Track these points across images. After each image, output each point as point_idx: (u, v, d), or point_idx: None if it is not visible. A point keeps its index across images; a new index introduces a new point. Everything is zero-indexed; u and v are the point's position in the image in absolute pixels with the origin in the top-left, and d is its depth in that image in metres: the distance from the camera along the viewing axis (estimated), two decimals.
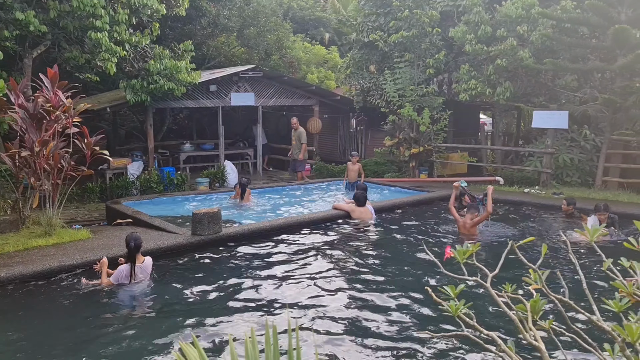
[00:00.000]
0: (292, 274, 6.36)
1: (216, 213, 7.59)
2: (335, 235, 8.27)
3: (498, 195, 11.30)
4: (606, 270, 2.41)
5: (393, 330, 4.73)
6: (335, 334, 4.67)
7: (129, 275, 5.89)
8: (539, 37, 12.30)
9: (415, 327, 4.77)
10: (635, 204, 10.41)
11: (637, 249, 2.12)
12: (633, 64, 10.82)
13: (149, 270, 6.09)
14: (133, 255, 5.95)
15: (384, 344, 4.46)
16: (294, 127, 14.28)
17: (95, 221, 10.47)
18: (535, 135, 15.27)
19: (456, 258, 2.44)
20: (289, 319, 1.22)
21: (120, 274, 5.91)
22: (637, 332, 1.86)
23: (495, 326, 4.53)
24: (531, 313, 2.40)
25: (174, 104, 14.06)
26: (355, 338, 4.58)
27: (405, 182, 13.10)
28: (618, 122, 12.06)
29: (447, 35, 14.04)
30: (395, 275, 6.38)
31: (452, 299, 2.43)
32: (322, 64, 22.12)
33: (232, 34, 19.47)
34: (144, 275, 6.02)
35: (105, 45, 10.33)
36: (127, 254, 6.00)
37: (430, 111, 13.75)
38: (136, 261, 5.97)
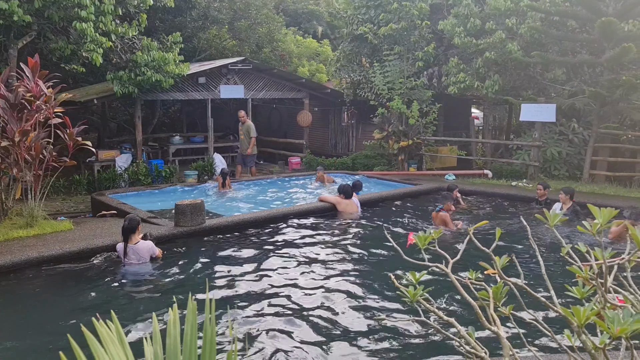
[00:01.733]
0: (274, 265, 6.34)
1: (199, 204, 7.56)
2: (320, 228, 8.25)
3: (485, 189, 11.34)
4: (565, 256, 2.41)
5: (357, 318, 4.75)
6: (302, 321, 4.67)
7: (123, 252, 6.14)
8: (528, 30, 12.29)
9: (381, 315, 4.80)
10: (621, 197, 10.43)
11: (589, 232, 2.11)
12: (620, 57, 10.83)
13: (143, 254, 6.16)
14: (126, 235, 6.12)
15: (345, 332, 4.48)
16: (242, 120, 13.54)
17: (81, 213, 10.43)
18: (524, 129, 15.29)
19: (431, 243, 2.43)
20: (208, 298, 1.20)
21: (119, 250, 6.23)
22: (584, 315, 1.85)
23: (468, 314, 4.54)
24: (493, 299, 2.40)
25: (163, 96, 13.99)
26: (320, 327, 4.59)
27: (394, 175, 13.09)
28: (606, 116, 12.08)
29: (437, 28, 14.01)
30: (374, 266, 6.37)
31: (413, 285, 2.43)
32: (314, 57, 22.05)
33: (223, 26, 19.38)
34: (136, 257, 6.13)
35: (90, 35, 10.25)
36: (122, 233, 6.19)
37: (420, 104, 13.74)
38: (129, 241, 6.13)
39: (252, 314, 4.88)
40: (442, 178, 12.82)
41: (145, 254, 6.20)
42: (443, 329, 2.50)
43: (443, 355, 4.09)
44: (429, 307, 2.39)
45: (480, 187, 11.42)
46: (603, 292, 2.16)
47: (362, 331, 4.49)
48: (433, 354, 4.09)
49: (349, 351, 4.18)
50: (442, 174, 13.24)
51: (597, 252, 2.25)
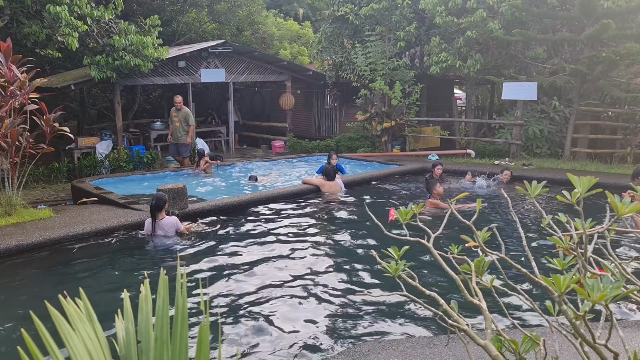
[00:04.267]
0: (258, 246, 6.32)
1: (181, 189, 7.48)
2: (305, 210, 8.24)
3: (468, 168, 11.39)
4: (546, 227, 2.41)
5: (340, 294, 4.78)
6: (283, 298, 4.68)
7: (150, 228, 6.63)
8: (509, 9, 12.28)
9: (364, 291, 4.82)
10: (602, 173, 10.56)
11: (569, 201, 2.11)
12: (599, 34, 10.87)
13: (167, 229, 6.64)
14: (153, 213, 6.60)
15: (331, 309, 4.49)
16: (178, 106, 12.36)
17: (62, 201, 10.26)
18: (506, 109, 15.35)
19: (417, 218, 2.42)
20: (179, 271, 1.17)
21: (147, 225, 6.72)
22: (564, 283, 1.84)
23: (451, 287, 4.57)
24: (475, 273, 2.39)
25: (142, 80, 13.77)
26: (304, 304, 4.59)
27: (378, 157, 13.09)
28: (586, 93, 12.17)
29: (418, 8, 13.91)
30: (358, 243, 6.38)
31: (395, 260, 2.42)
32: (296, 39, 21.84)
33: (203, 9, 19.07)
34: (162, 232, 6.61)
35: (65, 19, 10.01)
36: (150, 210, 6.67)
37: (402, 85, 13.69)
38: (156, 218, 6.60)
39: (232, 291, 4.87)
40: (425, 158, 12.84)
41: (171, 229, 6.65)
42: (426, 303, 2.50)
43: (426, 329, 4.12)
44: (410, 282, 2.39)
45: (464, 167, 11.46)
46: (583, 262, 2.17)
47: (344, 307, 4.51)
48: (416, 328, 4.12)
49: (329, 327, 4.19)
50: (426, 155, 13.26)
51: (577, 222, 2.25)
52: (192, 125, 12.43)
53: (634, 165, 11.08)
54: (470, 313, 3.91)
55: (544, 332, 3.61)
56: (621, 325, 3.89)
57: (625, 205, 2.05)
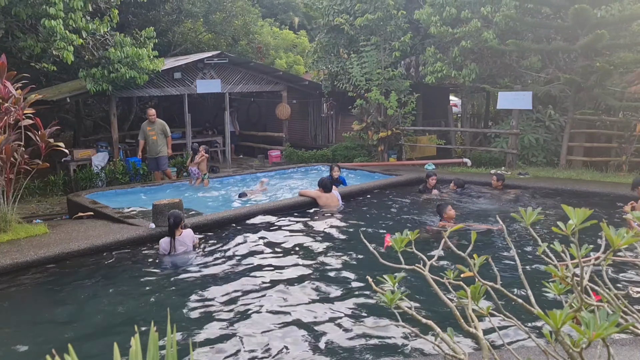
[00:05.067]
0: (254, 263, 6.29)
1: (177, 203, 7.45)
2: (301, 223, 8.21)
3: (465, 177, 11.38)
4: (541, 255, 2.40)
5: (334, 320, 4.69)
6: (280, 323, 4.63)
7: (169, 247, 6.52)
8: (503, 18, 12.34)
9: (361, 318, 4.74)
10: (597, 182, 10.58)
11: (564, 233, 2.10)
12: (593, 43, 10.92)
13: (188, 242, 6.65)
14: (172, 231, 6.52)
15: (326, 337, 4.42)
16: (152, 119, 12.07)
17: (57, 215, 10.22)
18: (502, 117, 15.39)
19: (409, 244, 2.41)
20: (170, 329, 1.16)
21: (163, 246, 6.59)
22: (560, 319, 1.83)
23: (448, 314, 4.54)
24: (471, 299, 2.38)
25: (138, 92, 13.76)
26: (297, 329, 4.53)
27: (374, 166, 13.09)
28: (581, 102, 12.21)
29: (413, 18, 13.97)
30: (357, 263, 6.34)
31: (391, 288, 2.41)
32: (291, 48, 21.89)
33: (198, 19, 19.11)
34: (183, 247, 6.59)
35: (60, 33, 10.00)
36: (168, 229, 6.56)
37: (398, 94, 13.73)
38: (175, 235, 6.54)
39: (211, 316, 4.82)
40: (422, 168, 12.85)
41: (190, 242, 6.68)
42: (422, 332, 2.49)
43: (423, 355, 4.07)
44: (407, 311, 2.37)
45: (460, 176, 11.45)
46: (579, 292, 2.16)
47: (338, 334, 4.44)
48: (412, 357, 4.07)
49: (324, 354, 4.14)
50: (422, 164, 13.28)
51: (572, 249, 2.24)
52: (169, 137, 12.27)
53: (629, 174, 11.12)
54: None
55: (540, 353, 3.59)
56: (619, 344, 3.88)
57: (620, 238, 2.05)
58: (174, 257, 6.50)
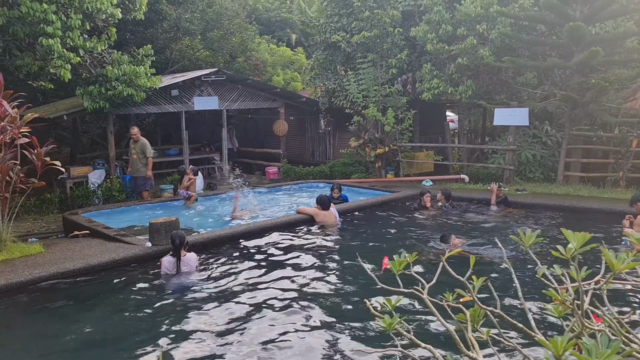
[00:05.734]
0: (249, 282, 6.23)
1: (174, 222, 7.41)
2: (298, 241, 8.16)
3: (462, 194, 11.38)
4: (541, 278, 2.37)
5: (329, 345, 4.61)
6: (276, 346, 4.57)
7: (174, 267, 6.52)
8: (498, 36, 12.43)
9: (362, 341, 4.68)
10: (595, 197, 10.57)
11: (564, 257, 2.07)
12: (588, 60, 10.99)
13: (192, 264, 6.64)
14: (178, 251, 6.51)
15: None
16: (134, 138, 11.87)
17: (53, 233, 10.15)
18: (499, 132, 15.44)
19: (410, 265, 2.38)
20: None
21: (168, 266, 6.53)
22: (562, 345, 1.80)
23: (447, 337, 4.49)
24: (471, 322, 2.34)
25: (135, 110, 13.78)
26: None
27: (372, 183, 13.07)
28: (577, 118, 12.25)
29: (409, 35, 14.07)
30: (355, 282, 6.28)
31: (389, 312, 2.37)
32: (288, 65, 22.00)
33: (196, 37, 19.21)
34: (187, 267, 6.57)
35: (57, 51, 10.01)
36: (173, 250, 6.54)
37: (395, 111, 13.76)
38: (180, 255, 6.55)
39: (218, 336, 4.76)
40: (419, 184, 12.84)
41: (194, 263, 6.68)
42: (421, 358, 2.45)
43: None
44: (405, 335, 2.34)
45: (458, 193, 11.44)
46: (580, 317, 2.13)
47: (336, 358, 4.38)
48: None
49: None
50: (420, 180, 13.27)
51: (572, 272, 2.22)
52: (150, 157, 11.82)
53: (627, 190, 11.12)
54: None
55: None
56: None
57: (620, 262, 2.03)
58: (178, 278, 6.44)
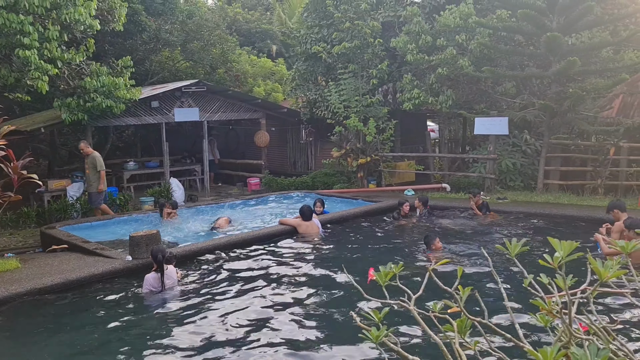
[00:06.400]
0: (229, 295, 6.14)
1: (154, 235, 7.29)
2: (281, 252, 8.09)
3: (444, 203, 11.43)
4: (527, 287, 2.36)
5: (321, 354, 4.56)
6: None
7: (159, 283, 6.29)
8: (477, 46, 12.57)
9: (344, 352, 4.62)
10: (574, 205, 10.69)
11: (551, 266, 2.07)
12: (565, 70, 11.17)
13: (174, 276, 6.52)
14: (162, 267, 6.32)
15: None
16: (83, 152, 11.51)
17: (30, 248, 9.93)
18: (479, 142, 15.58)
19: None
20: None
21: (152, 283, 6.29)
22: (552, 356, 1.78)
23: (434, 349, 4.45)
24: (458, 333, 2.32)
25: (114, 121, 13.61)
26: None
27: (354, 193, 13.07)
28: (555, 127, 12.42)
29: (390, 46, 14.17)
30: (338, 294, 6.22)
31: (377, 324, 2.34)
32: (269, 76, 21.99)
33: (176, 48, 19.10)
34: (171, 281, 6.43)
35: (34, 63, 9.85)
36: (157, 265, 6.33)
37: (376, 121, 13.82)
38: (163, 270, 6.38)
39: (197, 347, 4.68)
40: (401, 193, 12.87)
41: (174, 276, 6.54)
42: None
43: None
44: (393, 347, 2.30)
45: (439, 202, 11.49)
46: (567, 326, 2.12)
47: None
48: None
49: None
50: (402, 189, 13.31)
51: (559, 281, 2.21)
52: (102, 171, 11.26)
53: (605, 197, 11.28)
54: None
55: None
56: None
57: (607, 271, 2.02)
58: (162, 293, 6.28)
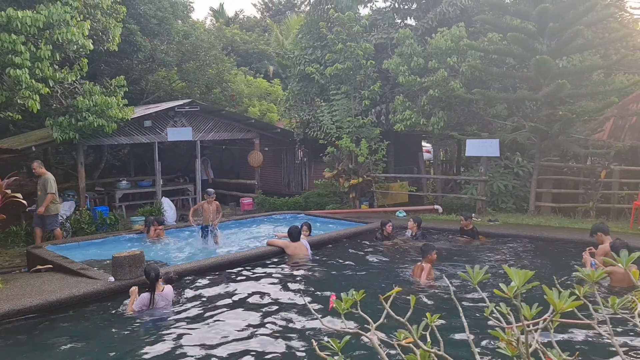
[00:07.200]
0: (212, 318, 6.06)
1: (138, 256, 7.23)
2: (268, 273, 8.02)
3: (435, 225, 11.37)
4: (489, 316, 2.31)
5: None
6: None
7: (149, 301, 6.30)
8: (469, 68, 12.65)
9: None
10: (565, 228, 10.64)
11: (507, 295, 2.02)
12: (555, 93, 11.22)
13: (170, 298, 6.50)
14: (153, 285, 6.33)
15: None
16: (36, 172, 10.65)
17: (17, 267, 9.83)
18: (473, 163, 15.58)
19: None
20: None
21: (142, 301, 6.30)
22: None
23: None
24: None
25: (107, 140, 13.60)
26: None
27: (346, 214, 13.02)
28: (547, 149, 12.43)
29: (382, 67, 14.26)
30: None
31: (337, 353, 2.28)
32: (265, 96, 22.10)
33: (172, 68, 19.21)
34: (164, 302, 6.41)
35: (25, 82, 9.87)
36: (149, 284, 6.34)
37: (368, 142, 13.83)
38: (156, 290, 6.35)
39: None
40: (393, 215, 12.82)
41: (170, 298, 6.52)
42: None
43: None
44: None
45: (431, 223, 11.42)
46: (526, 357, 2.06)
47: None
48: None
49: None
50: (394, 210, 13.25)
51: (525, 310, 2.16)
52: (50, 194, 10.39)
53: (597, 219, 11.23)
54: None
55: None
56: None
57: (563, 301, 1.98)
58: (152, 311, 6.26)
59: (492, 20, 12.76)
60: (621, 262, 2.24)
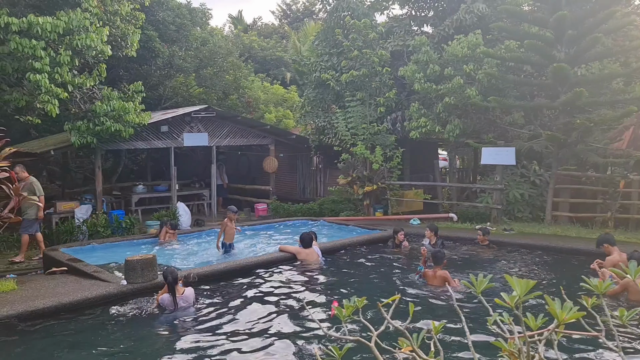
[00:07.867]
0: (221, 323, 6.07)
1: (150, 259, 7.28)
2: (279, 280, 8.01)
3: (449, 233, 11.26)
4: (491, 326, 2.27)
5: None
6: None
7: (172, 304, 6.49)
8: (485, 76, 12.55)
9: None
10: (583, 238, 10.45)
11: (508, 305, 1.99)
12: (573, 101, 11.07)
13: (191, 300, 6.68)
14: (173, 288, 6.49)
15: None
16: (19, 177, 9.74)
17: (34, 269, 10.00)
18: (489, 171, 15.42)
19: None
20: None
21: (167, 301, 6.52)
22: None
23: None
24: None
25: (124, 145, 13.76)
26: None
27: (359, 221, 12.97)
28: (564, 158, 12.26)
29: (397, 74, 14.23)
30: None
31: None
32: (281, 103, 22.19)
33: (190, 74, 19.41)
34: (186, 304, 6.60)
35: (45, 86, 10.04)
36: (167, 286, 6.52)
37: (383, 149, 13.79)
38: (177, 292, 6.51)
39: None
40: (407, 222, 12.74)
41: (192, 299, 6.70)
42: None
43: None
44: None
45: (445, 232, 11.31)
46: None
47: None
48: None
49: None
50: (408, 218, 13.18)
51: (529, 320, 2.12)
52: (41, 196, 10.26)
53: (615, 230, 11.03)
54: None
55: None
56: None
57: (565, 312, 1.94)
58: (175, 313, 6.42)
59: (509, 28, 12.66)
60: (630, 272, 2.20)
